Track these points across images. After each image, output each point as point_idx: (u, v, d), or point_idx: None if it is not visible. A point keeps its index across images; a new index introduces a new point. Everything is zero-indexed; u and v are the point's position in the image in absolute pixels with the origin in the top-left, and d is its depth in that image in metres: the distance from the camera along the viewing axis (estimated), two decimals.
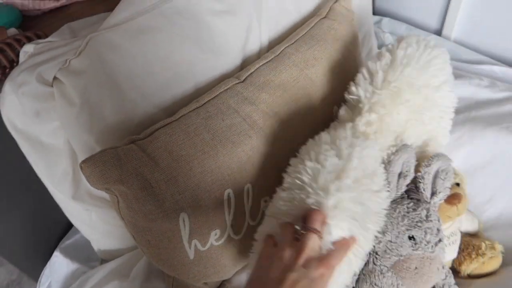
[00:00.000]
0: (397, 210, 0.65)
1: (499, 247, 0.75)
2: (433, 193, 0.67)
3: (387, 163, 0.66)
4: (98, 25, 0.67)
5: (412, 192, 0.69)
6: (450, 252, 0.75)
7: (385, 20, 1.30)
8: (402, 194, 0.68)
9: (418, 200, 0.67)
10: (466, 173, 0.88)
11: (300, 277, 0.47)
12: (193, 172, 0.68)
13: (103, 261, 0.93)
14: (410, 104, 0.69)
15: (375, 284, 0.67)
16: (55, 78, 0.62)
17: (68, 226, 1.02)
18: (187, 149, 0.68)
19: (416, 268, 0.62)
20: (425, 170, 0.67)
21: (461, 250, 0.77)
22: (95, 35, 0.64)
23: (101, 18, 0.73)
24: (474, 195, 0.86)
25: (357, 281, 0.71)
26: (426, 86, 0.71)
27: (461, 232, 0.79)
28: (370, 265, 0.69)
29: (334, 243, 0.54)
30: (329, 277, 0.49)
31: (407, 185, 0.69)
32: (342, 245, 0.54)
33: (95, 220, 0.82)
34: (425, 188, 0.67)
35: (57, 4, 0.92)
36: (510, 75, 1.07)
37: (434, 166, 0.67)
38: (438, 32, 1.27)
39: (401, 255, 0.63)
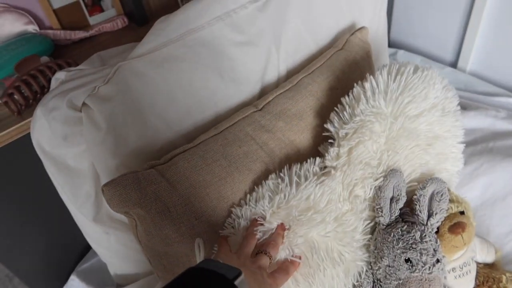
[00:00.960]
0: (392, 234, 0.66)
1: None
2: (430, 215, 0.68)
3: (378, 189, 0.68)
4: (126, 54, 0.71)
5: (406, 216, 0.70)
6: (464, 283, 0.74)
7: (400, 52, 1.32)
8: (396, 218, 0.69)
9: (413, 223, 0.67)
10: (485, 204, 0.88)
11: (257, 273, 0.55)
12: (210, 198, 0.70)
13: (119, 286, 0.94)
14: (379, 135, 0.70)
15: None
16: (84, 104, 0.66)
17: (85, 250, 1.04)
18: (204, 175, 0.70)
19: None
20: (420, 192, 0.68)
21: (481, 283, 0.75)
22: (123, 64, 0.68)
23: (128, 47, 0.77)
24: (494, 227, 0.85)
25: None
26: (401, 115, 0.71)
27: (478, 263, 0.78)
28: None
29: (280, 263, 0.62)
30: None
31: (401, 209, 0.69)
32: (286, 267, 0.61)
33: (113, 244, 0.84)
34: (421, 210, 0.68)
35: (87, 34, 0.97)
36: None
37: (429, 189, 0.68)
38: (454, 65, 1.28)
39: (399, 279, 0.63)
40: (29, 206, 0.90)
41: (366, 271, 0.70)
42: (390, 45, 1.40)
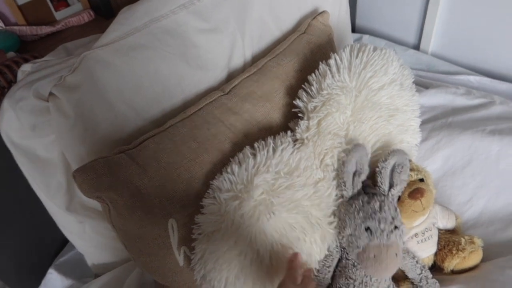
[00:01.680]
0: (354, 205, 0.69)
1: (478, 241, 0.78)
2: (391, 186, 0.72)
3: (341, 164, 0.71)
4: (91, 44, 0.72)
5: (369, 188, 0.73)
6: (427, 248, 0.78)
7: (365, 37, 1.37)
8: (359, 191, 0.73)
9: (374, 194, 0.71)
10: (446, 175, 0.93)
11: None
12: (181, 179, 0.72)
13: (97, 276, 0.95)
14: (345, 107, 0.75)
15: (350, 277, 0.70)
16: (50, 93, 0.67)
17: (62, 245, 1.04)
18: (174, 157, 0.72)
19: (374, 256, 0.65)
20: (382, 165, 0.72)
21: (442, 247, 0.80)
22: (88, 53, 0.69)
23: (94, 38, 0.78)
24: (455, 196, 0.90)
25: (334, 277, 0.74)
26: (364, 88, 0.76)
27: (440, 230, 0.82)
28: (343, 261, 0.73)
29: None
30: None
31: (363, 182, 0.73)
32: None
33: (88, 232, 0.85)
34: (383, 182, 0.72)
35: (53, 29, 0.98)
36: (484, 83, 1.13)
37: (391, 161, 0.72)
38: (416, 47, 1.33)
39: (360, 246, 0.67)
40: (1, 202, 0.90)
41: (336, 240, 0.73)
42: (356, 30, 1.44)
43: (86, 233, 0.84)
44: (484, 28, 1.14)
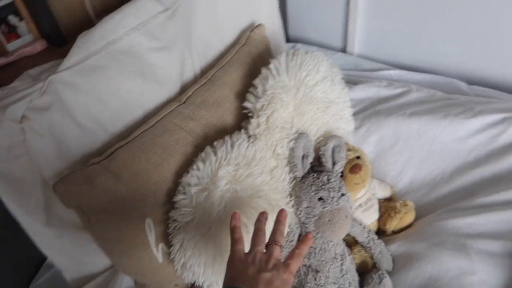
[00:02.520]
0: (306, 182, 0.83)
1: (410, 204, 0.93)
2: (334, 164, 0.86)
3: (291, 150, 0.84)
4: (54, 68, 0.79)
5: (316, 167, 0.87)
6: (370, 215, 0.92)
7: (298, 45, 1.52)
8: (309, 171, 0.86)
9: (321, 171, 0.84)
10: (379, 156, 1.08)
11: (273, 277, 0.57)
12: (151, 182, 0.81)
13: None
14: (288, 103, 0.87)
15: (310, 247, 0.82)
16: (23, 116, 0.73)
17: (38, 267, 1.06)
18: (143, 163, 0.81)
19: (329, 220, 0.78)
20: (324, 148, 0.86)
21: (382, 213, 0.94)
22: (53, 77, 0.76)
23: (55, 64, 0.84)
24: (388, 171, 1.05)
25: None
26: (302, 86, 0.89)
27: (379, 199, 0.97)
28: (303, 234, 0.84)
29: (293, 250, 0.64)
30: (291, 280, 0.60)
31: (311, 163, 0.86)
32: (298, 254, 0.62)
33: (67, 246, 0.90)
34: (326, 161, 0.86)
35: (7, 60, 1.02)
36: (403, 75, 1.31)
37: (330, 144, 0.87)
38: (344, 50, 1.51)
39: (316, 215, 0.80)
40: None
41: (295, 217, 0.85)
42: (290, 40, 1.59)
43: (64, 247, 0.89)
44: (399, 29, 1.33)
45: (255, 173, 0.81)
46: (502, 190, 0.90)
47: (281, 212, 0.68)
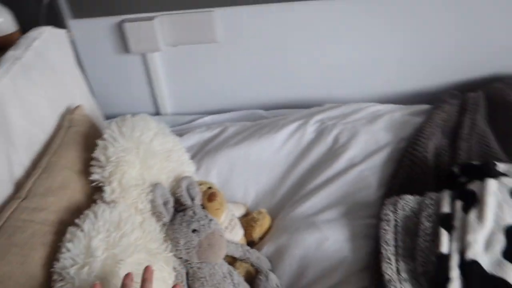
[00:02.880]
0: (176, 223, 0.90)
1: (264, 210, 1.11)
2: (193, 199, 0.96)
3: (151, 202, 0.92)
4: None
5: (178, 208, 0.96)
6: (236, 233, 1.05)
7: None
8: (174, 213, 0.94)
9: (185, 209, 0.94)
10: (223, 184, 1.23)
11: None
12: (21, 283, 0.74)
13: None
14: (133, 163, 0.94)
15: (200, 278, 0.88)
16: None
17: None
18: (5, 267, 0.75)
19: (208, 244, 0.87)
20: (179, 190, 0.96)
21: (245, 227, 1.08)
22: None
23: None
24: (236, 194, 1.21)
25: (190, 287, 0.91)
26: (140, 144, 0.97)
27: (239, 218, 1.11)
28: (190, 270, 0.90)
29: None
30: None
31: (173, 206, 0.95)
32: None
33: None
34: (185, 200, 0.95)
35: None
36: (215, 118, 1.54)
37: (183, 185, 0.97)
38: (158, 113, 1.66)
39: (195, 245, 0.88)
40: None
41: (176, 259, 0.90)
42: (107, 118, 1.65)
43: None
44: (200, 82, 1.57)
45: (127, 232, 0.83)
46: (319, 174, 1.17)
47: (145, 270, 0.72)
